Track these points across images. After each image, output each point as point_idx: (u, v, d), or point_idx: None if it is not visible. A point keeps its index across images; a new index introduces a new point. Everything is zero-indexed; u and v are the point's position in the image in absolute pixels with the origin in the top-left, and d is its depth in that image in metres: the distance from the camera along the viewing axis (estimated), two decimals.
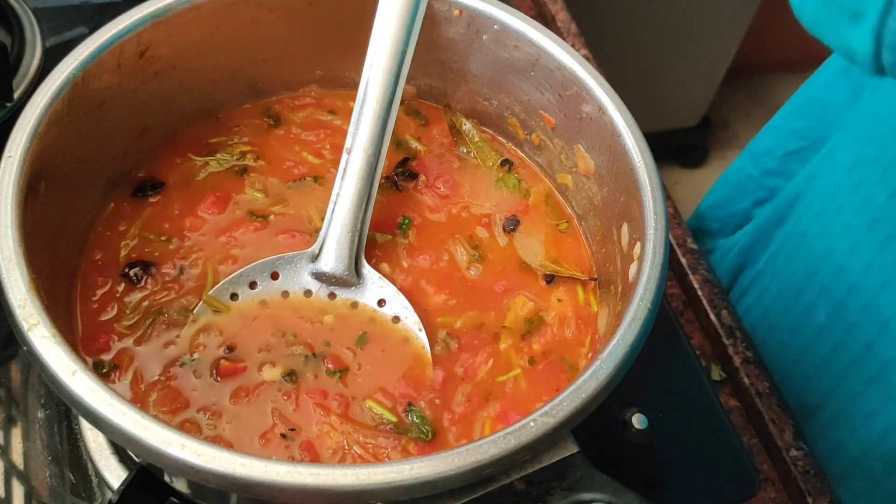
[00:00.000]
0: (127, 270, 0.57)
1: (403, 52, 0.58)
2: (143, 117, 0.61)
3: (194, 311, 0.55)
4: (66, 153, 0.54)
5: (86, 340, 0.54)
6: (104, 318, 0.55)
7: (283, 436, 0.51)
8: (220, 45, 0.63)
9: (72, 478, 0.60)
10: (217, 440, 0.50)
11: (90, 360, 0.53)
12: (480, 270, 0.61)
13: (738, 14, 1.81)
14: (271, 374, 0.53)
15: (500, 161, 0.66)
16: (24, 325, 0.43)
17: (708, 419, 0.69)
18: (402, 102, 0.60)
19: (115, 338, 0.54)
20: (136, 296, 0.56)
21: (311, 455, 0.50)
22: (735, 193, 0.96)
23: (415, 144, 0.68)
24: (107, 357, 0.53)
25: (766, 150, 0.92)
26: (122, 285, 0.56)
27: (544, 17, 1.03)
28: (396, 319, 0.57)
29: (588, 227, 0.63)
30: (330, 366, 0.54)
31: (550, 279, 0.61)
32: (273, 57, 0.66)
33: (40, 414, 0.63)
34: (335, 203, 0.57)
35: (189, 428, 0.51)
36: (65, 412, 0.63)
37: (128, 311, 0.55)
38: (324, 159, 0.65)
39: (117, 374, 0.53)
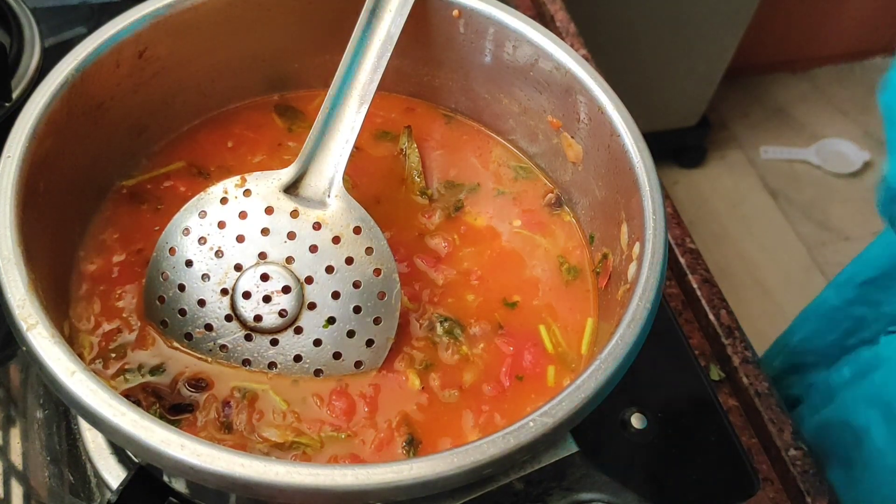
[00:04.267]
0: None
1: None
2: (142, 117, 0.61)
3: None
4: (65, 153, 0.54)
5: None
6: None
7: None
8: (220, 45, 0.63)
9: (70, 478, 0.60)
10: None
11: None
12: None
13: (737, 14, 1.81)
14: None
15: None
16: (23, 325, 0.43)
17: (707, 419, 0.69)
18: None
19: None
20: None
21: None
22: (823, 325, 0.94)
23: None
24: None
25: (846, 278, 0.90)
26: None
27: (543, 17, 1.03)
28: (370, 250, 0.55)
29: (586, 227, 0.63)
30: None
31: None
32: (273, 56, 0.66)
33: (39, 414, 0.63)
34: (326, 115, 0.56)
35: None
36: (63, 412, 0.63)
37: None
38: None
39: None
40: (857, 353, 0.84)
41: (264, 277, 0.53)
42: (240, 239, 0.54)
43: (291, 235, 0.54)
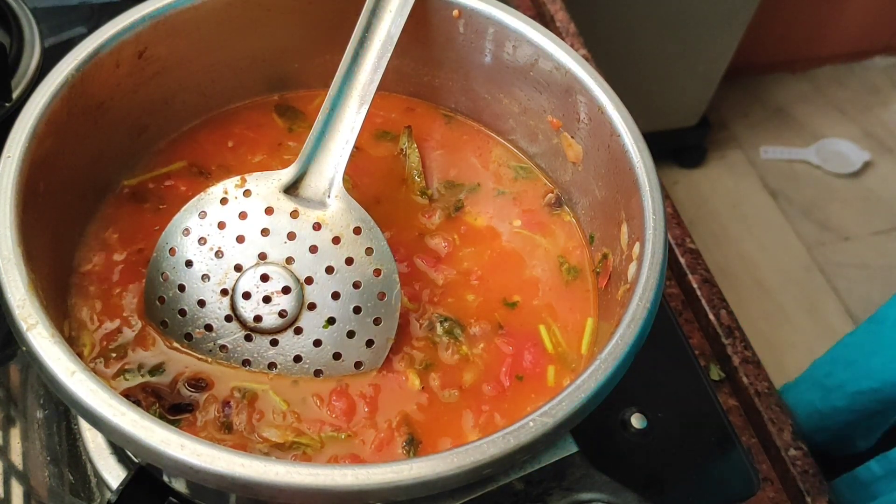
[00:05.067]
0: None
1: None
2: (142, 117, 0.61)
3: None
4: (65, 153, 0.54)
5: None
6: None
7: None
8: (220, 45, 0.63)
9: (71, 478, 0.60)
10: None
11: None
12: None
13: (737, 14, 1.81)
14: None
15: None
16: (23, 325, 0.43)
17: (707, 419, 0.69)
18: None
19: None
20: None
21: None
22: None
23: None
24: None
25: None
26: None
27: (543, 17, 1.03)
28: (370, 251, 0.55)
29: (586, 227, 0.63)
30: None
31: None
32: (273, 56, 0.66)
33: (39, 414, 0.63)
34: (326, 116, 0.56)
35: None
36: (64, 412, 0.63)
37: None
38: None
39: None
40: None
41: (264, 278, 0.53)
42: (240, 239, 0.54)
43: (291, 236, 0.54)
